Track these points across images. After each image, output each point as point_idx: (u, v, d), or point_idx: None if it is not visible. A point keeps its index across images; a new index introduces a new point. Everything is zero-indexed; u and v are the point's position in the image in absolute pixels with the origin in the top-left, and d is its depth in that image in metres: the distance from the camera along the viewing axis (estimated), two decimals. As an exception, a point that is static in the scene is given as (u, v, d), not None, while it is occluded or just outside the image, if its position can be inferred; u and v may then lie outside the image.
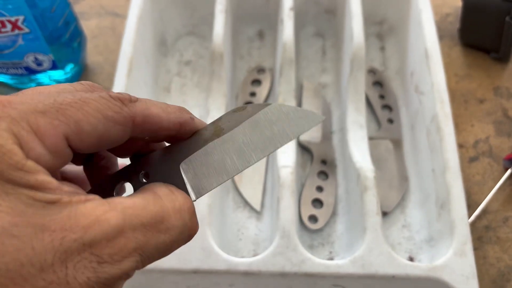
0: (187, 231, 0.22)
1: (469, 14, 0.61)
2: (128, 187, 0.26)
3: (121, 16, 0.68)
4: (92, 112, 0.20)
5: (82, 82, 0.24)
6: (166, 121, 0.23)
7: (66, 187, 0.19)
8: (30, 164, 0.18)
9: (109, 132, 0.21)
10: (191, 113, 0.25)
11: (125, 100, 0.22)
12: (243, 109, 0.25)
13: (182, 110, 0.24)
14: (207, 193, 0.24)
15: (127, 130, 0.22)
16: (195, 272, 0.42)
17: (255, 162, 0.24)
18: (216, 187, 0.24)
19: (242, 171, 0.24)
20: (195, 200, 0.24)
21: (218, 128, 0.25)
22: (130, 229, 0.19)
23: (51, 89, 0.22)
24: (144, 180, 0.24)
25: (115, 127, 0.21)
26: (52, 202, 0.18)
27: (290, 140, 0.25)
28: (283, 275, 0.43)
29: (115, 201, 0.20)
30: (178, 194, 0.23)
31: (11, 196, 0.18)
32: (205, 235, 0.43)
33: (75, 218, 0.18)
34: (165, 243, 0.21)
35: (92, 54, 0.64)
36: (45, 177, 0.19)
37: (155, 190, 0.22)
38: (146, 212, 0.20)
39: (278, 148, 0.25)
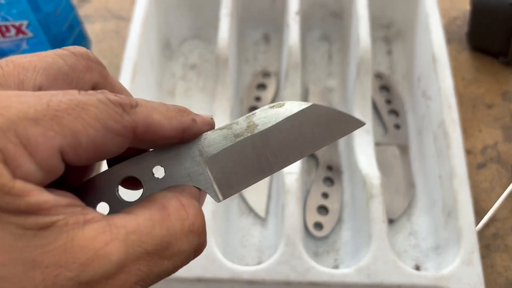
0: (193, 253, 0.20)
1: (477, 17, 0.61)
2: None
3: (126, 19, 0.67)
4: (91, 122, 0.17)
5: (75, 52, 0.21)
6: (169, 129, 0.20)
7: (63, 199, 0.17)
8: (19, 185, 0.16)
9: (107, 144, 0.18)
10: (192, 113, 0.22)
11: (126, 106, 0.19)
12: (280, 106, 0.23)
13: (183, 111, 0.21)
14: (235, 194, 0.22)
15: (126, 141, 0.19)
16: (199, 280, 0.42)
17: (291, 164, 0.23)
18: (246, 188, 0.22)
19: (276, 172, 0.22)
20: (220, 201, 0.22)
21: (252, 124, 0.23)
22: (132, 261, 0.17)
23: (36, 64, 0.19)
24: (157, 177, 0.21)
25: (114, 139, 0.18)
26: (45, 227, 0.16)
27: (328, 143, 0.23)
28: (287, 284, 0.42)
29: (117, 223, 0.18)
30: (190, 210, 0.20)
31: None
32: (209, 242, 0.43)
33: (71, 251, 0.16)
34: (168, 270, 0.19)
35: (97, 58, 0.64)
36: (38, 197, 0.16)
37: (163, 203, 0.20)
38: (152, 238, 0.18)
39: (315, 151, 0.23)
